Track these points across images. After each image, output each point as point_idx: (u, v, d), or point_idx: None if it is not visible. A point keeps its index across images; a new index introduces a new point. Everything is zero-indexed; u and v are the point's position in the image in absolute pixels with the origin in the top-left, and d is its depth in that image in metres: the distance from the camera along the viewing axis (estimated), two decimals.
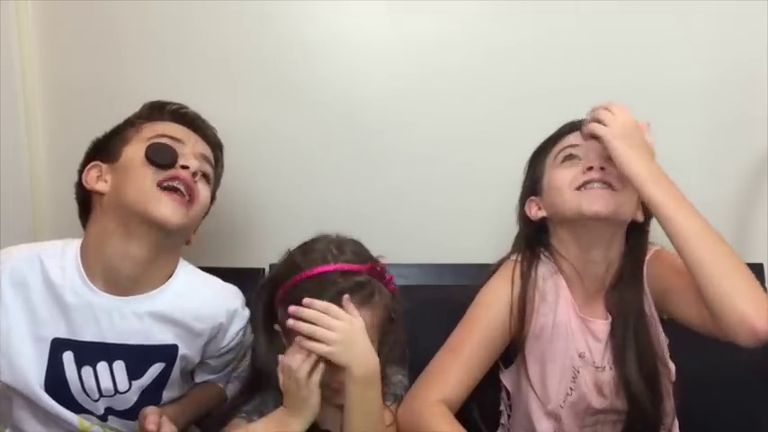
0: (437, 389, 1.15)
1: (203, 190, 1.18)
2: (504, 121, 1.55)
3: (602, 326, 1.22)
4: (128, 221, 1.12)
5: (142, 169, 1.13)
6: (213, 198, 1.25)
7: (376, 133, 1.55)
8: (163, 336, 1.15)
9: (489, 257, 1.40)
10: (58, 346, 1.11)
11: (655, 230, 1.22)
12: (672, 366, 1.23)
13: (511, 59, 1.55)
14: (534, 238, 1.26)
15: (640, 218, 1.23)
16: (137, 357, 1.14)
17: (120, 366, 1.13)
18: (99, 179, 1.16)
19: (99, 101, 1.54)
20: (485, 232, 1.54)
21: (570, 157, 1.22)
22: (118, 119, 1.23)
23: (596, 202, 1.16)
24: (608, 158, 1.16)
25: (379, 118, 1.55)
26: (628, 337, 1.20)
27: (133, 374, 1.14)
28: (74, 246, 1.15)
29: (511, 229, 1.30)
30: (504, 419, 1.30)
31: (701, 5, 1.53)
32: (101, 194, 1.15)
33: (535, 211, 1.26)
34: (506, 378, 1.26)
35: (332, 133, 1.55)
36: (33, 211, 1.56)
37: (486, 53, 1.55)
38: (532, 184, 1.27)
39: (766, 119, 1.53)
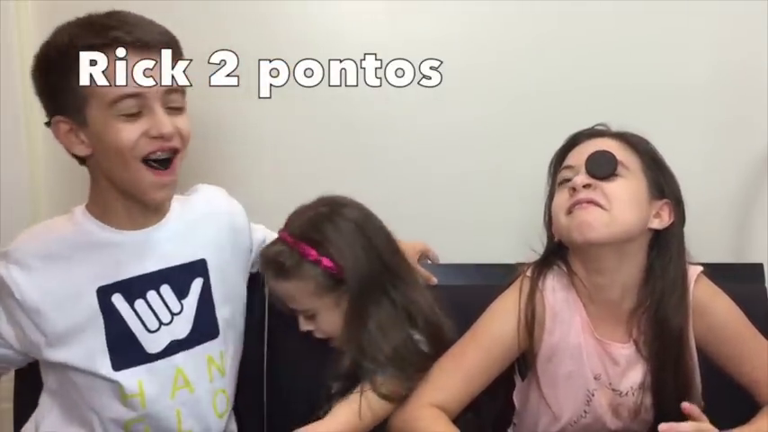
0: (433, 394, 1.14)
1: (183, 123, 1.10)
2: (505, 122, 1.55)
3: (620, 349, 1.16)
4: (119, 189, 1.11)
5: (123, 150, 1.05)
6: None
7: (376, 134, 1.55)
8: (190, 252, 1.18)
9: (491, 258, 1.41)
10: (105, 292, 1.10)
11: None
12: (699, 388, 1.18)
13: (509, 60, 1.54)
14: (557, 254, 1.20)
15: (657, 225, 1.13)
16: (177, 278, 1.16)
17: (166, 289, 1.15)
18: (75, 138, 1.08)
19: None
20: (486, 232, 1.54)
21: (567, 180, 1.14)
22: None
23: (586, 227, 1.08)
24: (595, 176, 1.09)
25: (379, 119, 1.55)
26: (666, 366, 1.13)
27: (180, 294, 1.16)
28: (79, 210, 1.15)
29: (512, 229, 1.30)
30: (516, 419, 1.29)
31: (700, 5, 1.53)
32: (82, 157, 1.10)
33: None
34: (515, 393, 1.25)
35: (331, 134, 1.55)
36: (32, 208, 1.56)
37: (485, 53, 1.54)
38: (550, 203, 1.20)
39: (766, 119, 1.53)
